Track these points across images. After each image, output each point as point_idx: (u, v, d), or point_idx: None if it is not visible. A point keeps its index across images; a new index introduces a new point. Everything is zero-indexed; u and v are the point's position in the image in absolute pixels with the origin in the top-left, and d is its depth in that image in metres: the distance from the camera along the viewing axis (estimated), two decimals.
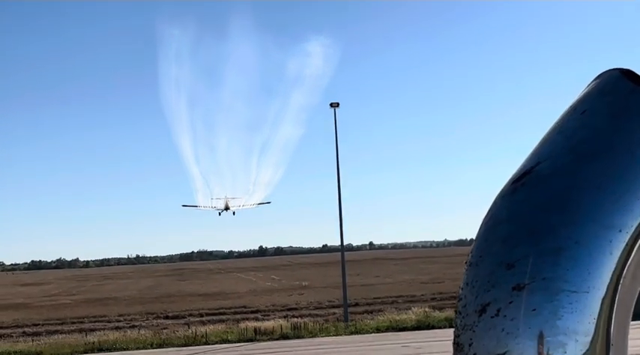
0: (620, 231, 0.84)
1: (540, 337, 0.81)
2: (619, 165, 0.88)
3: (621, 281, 0.85)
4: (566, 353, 0.81)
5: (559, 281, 0.82)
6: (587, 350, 0.81)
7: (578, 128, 0.92)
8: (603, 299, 0.83)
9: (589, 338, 0.81)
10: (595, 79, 0.99)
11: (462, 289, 0.92)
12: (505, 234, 0.88)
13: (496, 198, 0.93)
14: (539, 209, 0.87)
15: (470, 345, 0.88)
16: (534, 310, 0.82)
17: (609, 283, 0.83)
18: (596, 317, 0.82)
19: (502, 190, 0.94)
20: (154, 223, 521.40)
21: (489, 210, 0.93)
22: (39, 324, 62.26)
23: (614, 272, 0.84)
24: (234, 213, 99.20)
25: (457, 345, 0.91)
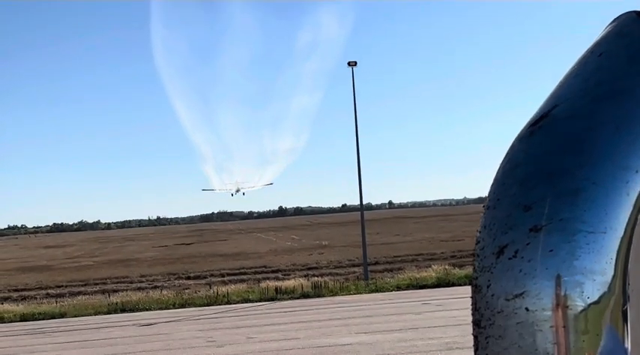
0: (637, 172, 0.85)
1: (557, 277, 0.82)
2: (636, 106, 0.88)
3: (638, 222, 0.86)
4: (583, 292, 0.82)
5: (576, 222, 0.83)
6: (604, 289, 0.82)
7: (595, 70, 0.92)
8: (620, 239, 0.83)
9: (606, 278, 0.82)
10: (612, 22, 0.99)
11: (480, 232, 0.93)
12: (522, 177, 0.89)
13: (513, 142, 0.94)
14: (557, 151, 0.87)
15: (488, 287, 0.89)
16: (551, 251, 0.82)
17: (626, 223, 0.84)
18: (613, 256, 0.83)
19: (519, 134, 0.94)
20: (174, 185, 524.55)
21: (507, 154, 0.94)
22: (62, 286, 62.96)
23: (631, 212, 0.85)
24: (243, 194, 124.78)
25: (475, 287, 0.92)
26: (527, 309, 0.83)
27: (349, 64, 46.92)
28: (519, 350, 0.84)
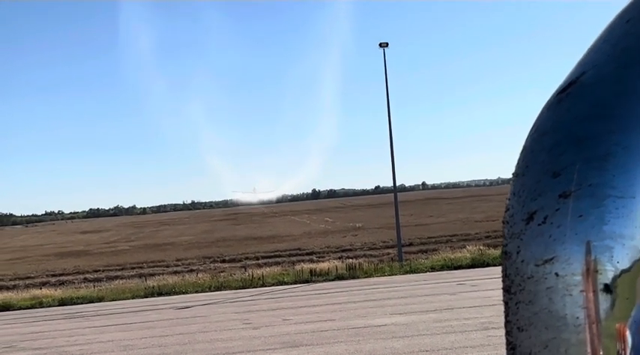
0: None
1: (587, 242, 0.82)
2: None
3: None
4: (612, 257, 0.82)
5: (605, 187, 0.83)
6: (634, 254, 0.82)
7: (622, 36, 0.91)
8: None
9: (635, 242, 0.82)
10: None
11: (509, 199, 0.94)
12: (551, 144, 0.89)
13: (542, 110, 0.94)
14: (585, 117, 0.87)
15: (517, 253, 0.89)
16: (581, 216, 0.83)
17: None
18: None
19: (548, 101, 0.94)
20: (208, 169, 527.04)
21: (535, 122, 0.94)
22: (99, 270, 63.71)
23: None
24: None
25: (505, 254, 0.92)
26: (556, 274, 0.83)
27: (381, 45, 46.72)
28: (549, 314, 0.84)
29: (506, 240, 0.92)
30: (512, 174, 0.94)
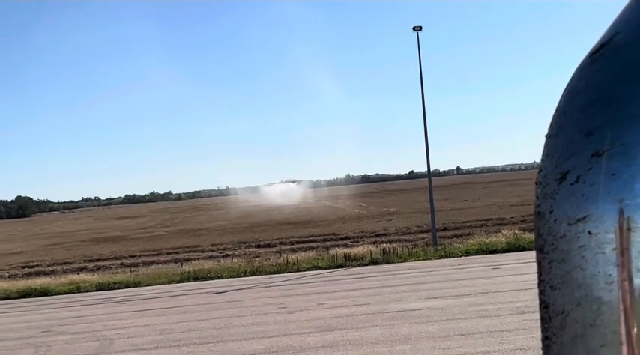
0: None
1: (620, 200, 0.83)
2: None
3: None
4: None
5: (638, 146, 0.83)
6: None
7: None
8: None
9: None
10: None
11: (542, 160, 0.94)
12: (584, 104, 0.89)
13: (575, 71, 0.94)
14: (618, 77, 0.87)
15: (550, 212, 0.90)
16: (613, 175, 0.83)
17: None
18: None
19: (581, 63, 0.94)
20: (242, 155, 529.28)
21: (568, 83, 0.94)
22: (136, 256, 64.35)
23: None
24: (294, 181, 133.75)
25: (538, 214, 0.93)
26: (589, 233, 0.84)
27: (414, 29, 46.43)
28: (582, 272, 0.85)
29: (539, 201, 0.93)
30: (545, 135, 0.94)
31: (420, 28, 46.45)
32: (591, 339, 0.84)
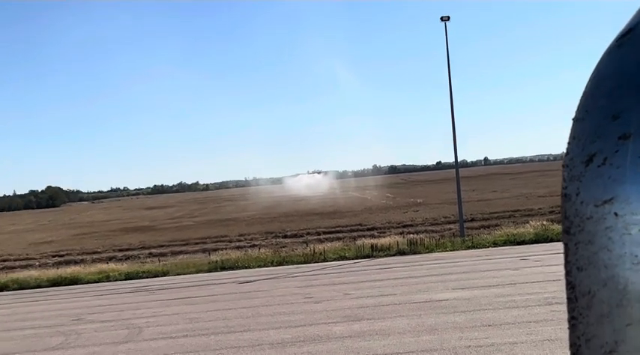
0: None
1: None
2: None
3: None
4: None
5: None
6: None
7: None
8: None
9: None
10: None
11: (569, 144, 0.95)
12: (610, 88, 0.90)
13: (602, 55, 0.95)
14: None
15: (577, 194, 0.91)
16: None
17: None
18: None
19: (608, 47, 0.95)
20: (268, 146, 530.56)
21: (595, 68, 0.95)
22: (164, 245, 64.82)
23: None
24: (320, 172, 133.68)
25: (565, 197, 0.94)
26: (615, 214, 0.85)
27: (442, 19, 46.19)
28: (608, 253, 0.86)
29: (566, 183, 0.94)
30: (573, 118, 0.96)
31: (448, 18, 46.21)
32: (617, 319, 0.86)
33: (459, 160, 48.31)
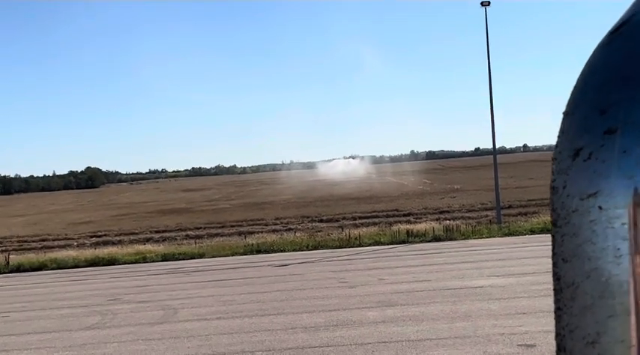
0: None
1: (630, 177, 0.85)
2: None
3: None
4: None
5: None
6: None
7: None
8: None
9: None
10: None
11: (559, 137, 0.96)
12: (600, 82, 0.91)
13: (594, 50, 0.96)
14: (634, 56, 0.89)
15: (564, 187, 0.92)
16: (625, 152, 0.85)
17: None
18: None
19: (600, 41, 0.96)
20: (305, 130, 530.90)
21: (587, 62, 0.96)
22: (201, 228, 65.37)
23: None
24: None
25: (553, 189, 0.96)
26: (600, 208, 0.86)
27: (482, 3, 45.78)
28: (592, 246, 0.87)
29: (554, 176, 0.95)
30: (563, 113, 0.97)
31: (489, 2, 45.79)
32: (600, 310, 0.87)
33: (497, 146, 47.98)
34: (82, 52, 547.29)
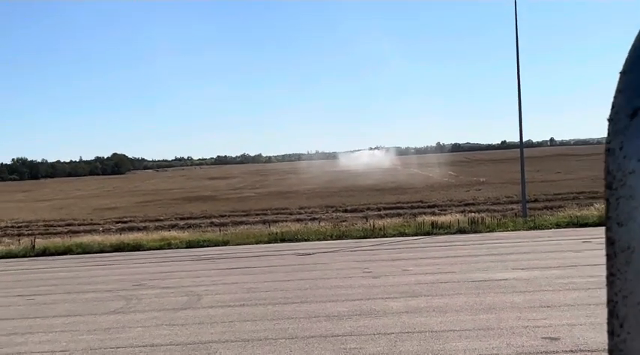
0: None
1: None
2: None
3: None
4: None
5: None
6: None
7: None
8: None
9: None
10: None
11: (615, 97, 0.93)
12: None
13: None
14: None
15: (620, 149, 0.90)
16: None
17: None
18: None
19: None
20: (330, 120, 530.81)
21: None
22: (225, 215, 65.55)
23: None
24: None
25: (608, 151, 0.93)
26: None
27: None
28: None
29: (610, 137, 0.93)
30: (620, 72, 0.93)
31: None
32: None
33: (524, 140, 47.66)
34: (112, 39, 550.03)
